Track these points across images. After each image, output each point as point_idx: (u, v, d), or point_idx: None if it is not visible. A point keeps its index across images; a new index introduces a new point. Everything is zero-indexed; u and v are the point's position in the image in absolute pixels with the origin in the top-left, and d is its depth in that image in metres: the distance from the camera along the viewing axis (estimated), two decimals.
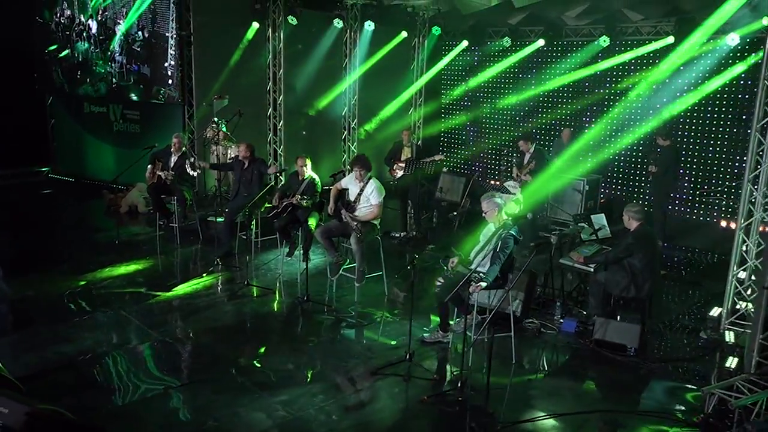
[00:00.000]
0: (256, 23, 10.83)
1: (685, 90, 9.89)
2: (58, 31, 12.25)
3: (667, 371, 5.55)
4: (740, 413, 4.40)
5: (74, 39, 11.77)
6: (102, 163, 12.47)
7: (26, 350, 5.52)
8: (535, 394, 5.08)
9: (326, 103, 11.97)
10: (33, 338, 5.79)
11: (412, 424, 4.72)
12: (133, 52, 10.97)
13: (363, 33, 11.71)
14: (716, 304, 6.86)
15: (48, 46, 12.45)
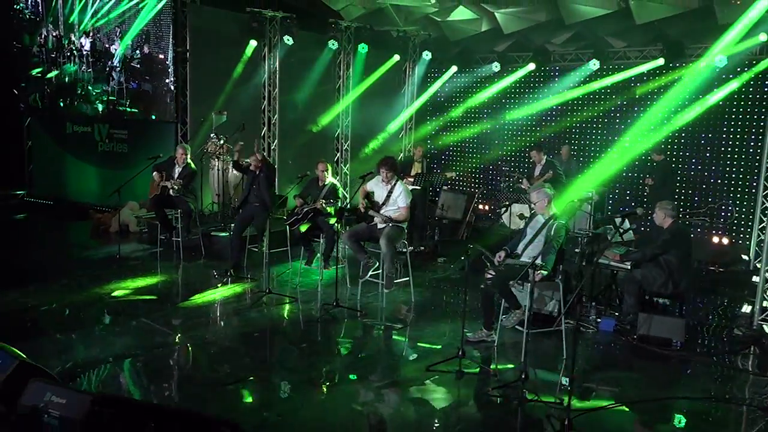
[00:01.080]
0: (254, 41, 10.70)
1: (678, 108, 10.16)
2: (42, 54, 11.82)
3: (717, 363, 5.50)
4: None
5: (62, 61, 11.36)
6: (84, 185, 11.96)
7: (55, 354, 5.07)
8: (596, 386, 4.92)
9: (321, 124, 11.83)
10: (55, 344, 5.33)
11: (484, 413, 4.51)
12: (131, 69, 10.65)
13: (357, 55, 11.73)
14: (745, 303, 6.93)
15: (30, 69, 11.99)
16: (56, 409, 3.70)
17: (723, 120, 9.75)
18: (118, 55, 10.74)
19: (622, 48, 11.42)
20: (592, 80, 11.07)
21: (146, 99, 10.78)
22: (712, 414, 4.56)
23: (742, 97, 9.44)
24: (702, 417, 4.51)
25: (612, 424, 4.35)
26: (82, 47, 10.96)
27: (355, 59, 11.81)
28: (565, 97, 11.20)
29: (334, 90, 11.92)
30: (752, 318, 6.30)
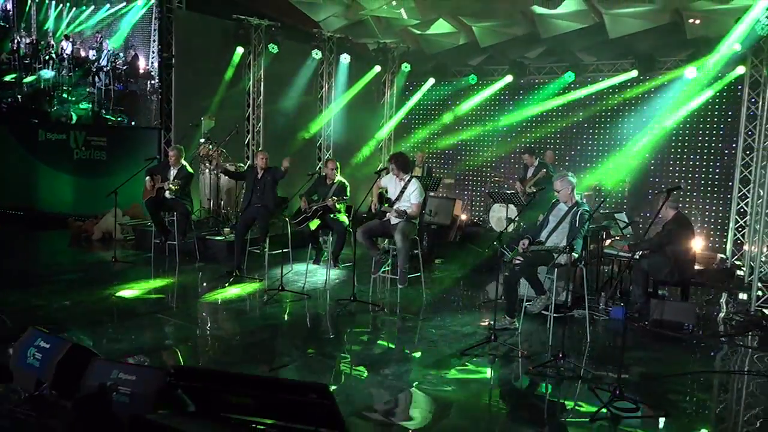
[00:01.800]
0: (241, 48, 10.71)
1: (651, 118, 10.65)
2: (13, 61, 11.46)
3: (727, 343, 5.80)
4: None
5: (38, 66, 11.05)
6: (58, 195, 11.58)
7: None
8: (630, 363, 5.10)
9: (312, 131, 11.89)
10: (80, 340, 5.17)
11: (530, 390, 4.63)
12: (116, 71, 10.46)
13: (339, 66, 11.88)
14: (724, 294, 7.32)
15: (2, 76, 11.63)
16: (126, 386, 3.64)
17: (699, 127, 10.25)
18: (105, 55, 10.54)
19: (594, 62, 11.95)
20: (568, 91, 11.48)
21: (133, 101, 10.57)
22: (731, 385, 4.83)
23: (717, 105, 9.98)
24: (722, 388, 4.78)
25: (652, 393, 4.53)
26: (63, 51, 10.69)
27: (337, 69, 11.93)
28: (546, 106, 11.56)
29: (317, 99, 11.98)
30: (749, 305, 6.66)
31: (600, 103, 11.27)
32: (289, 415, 3.26)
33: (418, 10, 11.46)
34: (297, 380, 4.06)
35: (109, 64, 10.48)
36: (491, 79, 12.58)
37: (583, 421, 4.02)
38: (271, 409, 3.30)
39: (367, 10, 11.66)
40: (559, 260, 5.35)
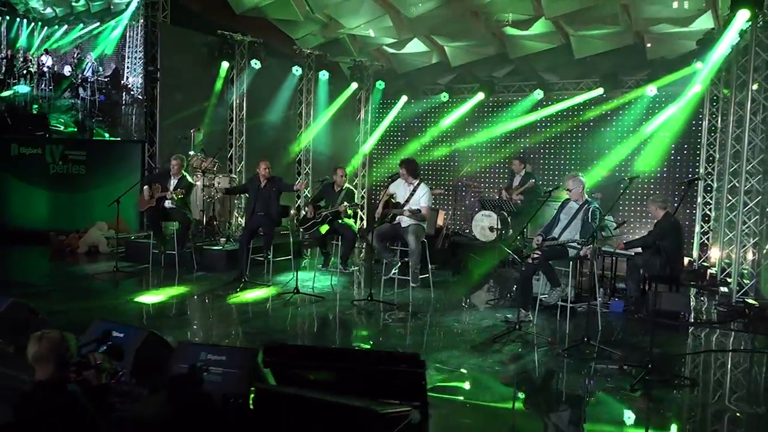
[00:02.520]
0: (226, 62, 10.88)
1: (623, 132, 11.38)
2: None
3: (719, 329, 6.39)
4: None
5: (12, 81, 10.86)
6: (32, 210, 11.29)
7: None
8: (644, 345, 5.56)
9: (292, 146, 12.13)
10: None
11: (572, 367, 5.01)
12: (99, 83, 10.43)
13: (319, 82, 12.20)
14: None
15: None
16: (217, 366, 3.80)
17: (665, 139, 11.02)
18: (89, 67, 10.50)
19: (560, 81, 12.71)
20: (539, 108, 12.14)
21: (115, 112, 10.53)
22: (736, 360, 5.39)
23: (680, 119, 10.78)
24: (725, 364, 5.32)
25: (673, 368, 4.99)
26: (43, 65, 10.58)
27: (317, 86, 12.24)
28: (522, 121, 12.16)
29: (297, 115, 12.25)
30: (731, 297, 7.29)
31: (572, 118, 11.93)
32: (376, 387, 3.52)
33: (396, 29, 11.92)
34: (389, 351, 4.33)
35: (94, 75, 10.44)
36: (462, 96, 13.14)
37: (623, 390, 4.43)
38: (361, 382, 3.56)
39: (345, 28, 12.06)
40: (581, 253, 5.80)
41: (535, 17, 10.98)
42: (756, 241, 7.16)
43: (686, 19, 10.09)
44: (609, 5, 10.18)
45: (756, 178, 7.10)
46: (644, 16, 10.40)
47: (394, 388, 3.52)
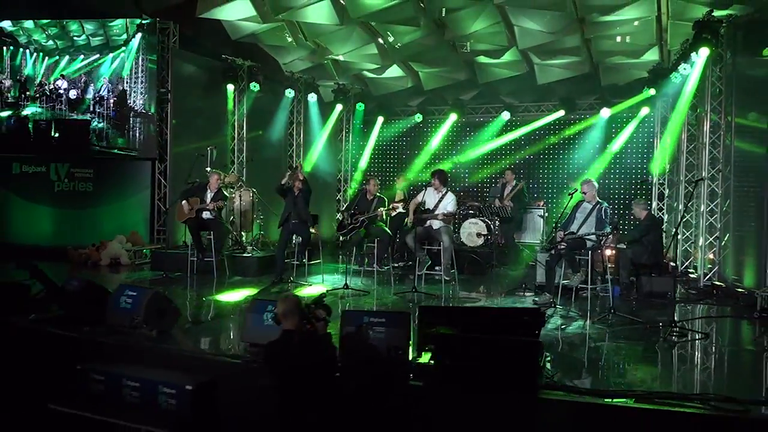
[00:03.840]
0: (231, 85, 11.78)
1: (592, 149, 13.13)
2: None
3: (698, 303, 7.98)
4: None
5: (23, 103, 11.30)
6: (36, 227, 11.66)
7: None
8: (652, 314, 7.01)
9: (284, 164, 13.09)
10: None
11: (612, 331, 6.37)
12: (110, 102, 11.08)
13: (310, 104, 13.30)
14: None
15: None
16: (379, 326, 4.90)
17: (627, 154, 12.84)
18: (104, 87, 11.10)
19: (522, 103, 14.38)
20: (510, 130, 13.75)
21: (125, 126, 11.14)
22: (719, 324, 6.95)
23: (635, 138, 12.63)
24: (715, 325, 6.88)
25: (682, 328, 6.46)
26: (58, 88, 11.12)
27: (307, 107, 13.31)
28: (500, 141, 13.72)
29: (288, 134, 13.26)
30: (699, 281, 8.95)
31: (542, 140, 13.61)
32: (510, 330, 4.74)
33: (380, 56, 13.19)
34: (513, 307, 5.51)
35: (109, 95, 11.09)
36: (434, 117, 14.58)
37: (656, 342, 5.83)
38: (495, 329, 4.76)
39: (333, 54, 13.21)
40: (602, 242, 7.23)
41: (507, 48, 12.55)
42: (717, 235, 8.86)
43: (637, 52, 11.94)
44: (572, 39, 11.89)
45: (716, 183, 8.82)
46: (601, 49, 12.20)
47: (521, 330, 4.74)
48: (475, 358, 4.25)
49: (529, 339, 4.41)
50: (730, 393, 4.23)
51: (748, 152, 8.28)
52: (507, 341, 4.29)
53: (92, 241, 10.89)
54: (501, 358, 4.22)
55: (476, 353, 4.26)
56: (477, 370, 4.18)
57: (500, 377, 4.15)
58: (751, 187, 8.22)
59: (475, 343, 4.31)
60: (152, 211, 11.32)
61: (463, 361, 4.27)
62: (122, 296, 5.85)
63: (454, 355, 4.30)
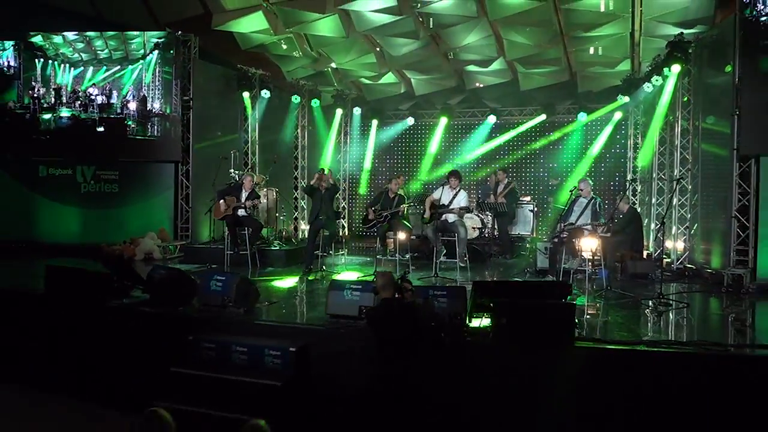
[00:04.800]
0: (246, 92, 12.92)
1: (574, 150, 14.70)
2: (33, 105, 12.38)
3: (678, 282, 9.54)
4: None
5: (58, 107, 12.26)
6: (63, 226, 12.52)
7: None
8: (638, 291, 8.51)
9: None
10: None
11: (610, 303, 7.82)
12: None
13: (314, 109, 14.52)
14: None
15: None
16: (442, 298, 6.22)
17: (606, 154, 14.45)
18: (129, 93, 12.15)
19: (505, 108, 15.88)
20: (496, 132, 15.24)
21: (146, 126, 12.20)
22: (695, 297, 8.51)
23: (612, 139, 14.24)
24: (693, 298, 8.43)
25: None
26: (90, 95, 12.11)
27: (311, 112, 14.54)
28: (491, 145, 15.19)
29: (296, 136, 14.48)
30: (672, 264, 10.53)
31: (528, 144, 15.14)
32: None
33: (378, 65, 14.50)
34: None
35: (133, 100, 12.14)
36: (425, 120, 15.98)
37: (648, 309, 7.32)
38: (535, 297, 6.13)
39: (335, 62, 14.46)
40: (599, 231, 8.69)
41: (495, 58, 13.99)
42: (687, 225, 10.46)
43: (612, 63, 13.54)
44: (555, 51, 13.40)
45: (686, 180, 10.41)
46: (580, 60, 13.76)
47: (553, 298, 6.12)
48: (526, 319, 5.60)
49: (566, 302, 5.80)
50: (713, 340, 5.71)
51: (714, 154, 9.88)
52: (550, 304, 5.68)
53: (118, 239, 11.85)
54: (545, 317, 5.59)
55: (526, 314, 5.62)
56: (528, 327, 5.53)
57: (545, 332, 5.52)
58: (715, 184, 9.81)
59: (526, 307, 5.66)
60: (176, 210, 12.34)
61: (517, 321, 5.62)
62: (212, 281, 7.03)
63: (510, 316, 5.63)
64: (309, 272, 9.84)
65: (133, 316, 6.97)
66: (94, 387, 6.85)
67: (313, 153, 14.89)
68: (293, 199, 14.50)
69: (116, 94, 12.43)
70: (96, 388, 6.82)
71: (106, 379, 6.74)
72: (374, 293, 5.62)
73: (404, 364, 5.23)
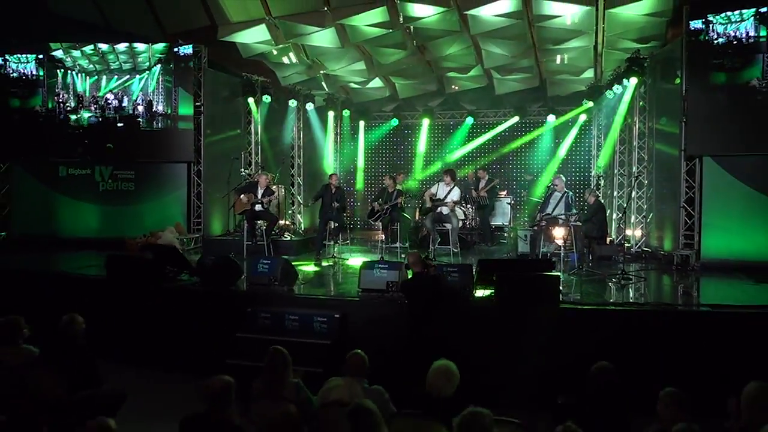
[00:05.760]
0: (251, 98, 14.40)
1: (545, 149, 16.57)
2: (59, 109, 13.73)
3: (637, 263, 11.44)
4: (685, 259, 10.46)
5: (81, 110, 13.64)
6: (82, 222, 13.82)
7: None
8: (605, 270, 10.35)
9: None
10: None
11: (587, 278, 9.63)
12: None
13: (309, 113, 16.07)
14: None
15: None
16: (454, 274, 7.92)
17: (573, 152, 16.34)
18: (139, 98, 13.59)
19: (480, 110, 17.66)
20: (474, 132, 17.01)
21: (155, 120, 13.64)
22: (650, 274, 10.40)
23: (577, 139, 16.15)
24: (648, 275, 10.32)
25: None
26: (108, 100, 13.49)
27: (307, 115, 16.08)
28: (469, 148, 16.96)
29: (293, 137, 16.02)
30: (632, 248, 12.45)
31: (504, 145, 16.94)
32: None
33: (367, 71, 16.10)
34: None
35: (141, 103, 13.58)
36: (408, 121, 17.67)
37: (614, 283, 9.15)
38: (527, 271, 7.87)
39: (327, 69, 16.00)
40: (570, 221, 10.49)
41: (474, 66, 15.73)
42: (644, 215, 12.40)
43: (578, 71, 15.42)
44: (527, 60, 15.21)
45: (643, 175, 12.34)
46: (549, 69, 15.60)
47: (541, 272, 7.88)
48: (522, 287, 7.33)
49: (553, 273, 7.55)
50: (665, 302, 7.56)
51: (666, 153, 11.80)
52: (541, 275, 7.44)
53: (135, 233, 13.20)
54: (537, 285, 7.33)
55: (522, 284, 7.35)
56: (524, 293, 7.26)
57: (537, 297, 7.26)
58: (667, 179, 11.74)
59: (522, 278, 7.40)
60: (188, 207, 13.75)
61: (515, 289, 7.34)
62: (259, 264, 8.61)
63: (509, 286, 7.35)
64: (320, 259, 11.41)
65: (196, 295, 8.47)
66: (174, 358, 8.24)
67: (308, 152, 16.41)
68: (290, 195, 16.01)
69: (127, 99, 13.81)
70: (175, 358, 8.22)
71: (183, 350, 8.17)
72: (406, 268, 7.28)
73: (429, 321, 6.89)
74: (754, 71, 10.21)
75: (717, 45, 10.43)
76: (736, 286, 9.14)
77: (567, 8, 11.75)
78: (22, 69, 13.68)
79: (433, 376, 4.48)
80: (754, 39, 10.13)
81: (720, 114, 10.41)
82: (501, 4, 12.25)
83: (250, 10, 13.87)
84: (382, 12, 13.02)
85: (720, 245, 10.49)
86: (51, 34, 13.92)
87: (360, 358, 5.05)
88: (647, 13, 11.69)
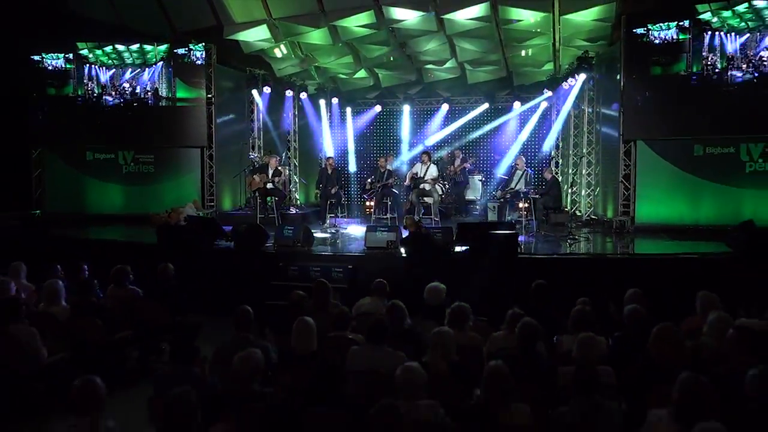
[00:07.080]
0: (255, 90, 16.73)
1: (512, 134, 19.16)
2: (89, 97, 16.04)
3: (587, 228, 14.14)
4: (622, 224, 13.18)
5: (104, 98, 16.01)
6: (108, 200, 16.11)
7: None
8: (559, 236, 13.03)
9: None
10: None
11: (551, 240, 12.29)
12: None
13: (303, 102, 18.43)
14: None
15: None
16: (437, 233, 10.52)
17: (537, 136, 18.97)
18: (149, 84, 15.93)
19: (454, 97, 20.19)
20: (449, 117, 19.54)
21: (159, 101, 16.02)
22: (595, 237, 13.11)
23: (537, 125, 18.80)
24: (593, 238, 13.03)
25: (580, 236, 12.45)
26: (125, 88, 15.84)
27: (300, 103, 18.45)
28: (447, 131, 19.48)
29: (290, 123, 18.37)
30: (582, 216, 15.17)
31: (476, 129, 19.48)
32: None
33: (354, 64, 18.49)
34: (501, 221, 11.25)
35: (150, 89, 15.93)
36: (390, 108, 20.14)
37: (565, 241, 11.83)
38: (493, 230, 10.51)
39: (319, 62, 18.35)
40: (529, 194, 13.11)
41: (448, 59, 18.21)
42: (592, 188, 15.11)
43: (539, 64, 18.01)
44: (496, 55, 17.74)
45: (591, 155, 15.02)
46: (515, 62, 18.16)
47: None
48: (488, 243, 9.91)
49: (512, 232, 10.16)
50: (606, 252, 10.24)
51: (610, 136, 14.49)
52: (504, 234, 10.03)
53: (156, 209, 15.48)
54: (501, 242, 9.92)
55: (491, 241, 9.93)
56: (490, 247, 9.85)
57: (501, 250, 9.86)
58: (610, 159, 14.43)
59: (490, 236, 9.99)
60: (202, 186, 16.07)
61: (484, 245, 9.92)
62: (284, 229, 11.07)
63: (480, 242, 9.93)
64: (324, 227, 13.90)
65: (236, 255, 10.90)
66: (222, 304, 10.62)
67: (303, 136, 18.81)
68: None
69: (140, 88, 16.09)
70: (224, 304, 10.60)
71: (229, 297, 10.56)
72: (404, 228, 9.82)
73: (420, 266, 9.43)
74: (681, 65, 12.92)
75: (655, 45, 13.05)
76: (659, 243, 11.87)
77: (528, 14, 14.28)
78: (55, 64, 15.93)
79: (428, 291, 6.99)
80: (680, 41, 12.82)
81: (649, 105, 13.10)
82: (473, 9, 14.72)
83: (252, 12, 16.15)
84: (370, 15, 15.41)
85: (650, 212, 13.23)
86: (75, 32, 16.05)
87: (383, 283, 7.54)
88: (595, 18, 14.32)
